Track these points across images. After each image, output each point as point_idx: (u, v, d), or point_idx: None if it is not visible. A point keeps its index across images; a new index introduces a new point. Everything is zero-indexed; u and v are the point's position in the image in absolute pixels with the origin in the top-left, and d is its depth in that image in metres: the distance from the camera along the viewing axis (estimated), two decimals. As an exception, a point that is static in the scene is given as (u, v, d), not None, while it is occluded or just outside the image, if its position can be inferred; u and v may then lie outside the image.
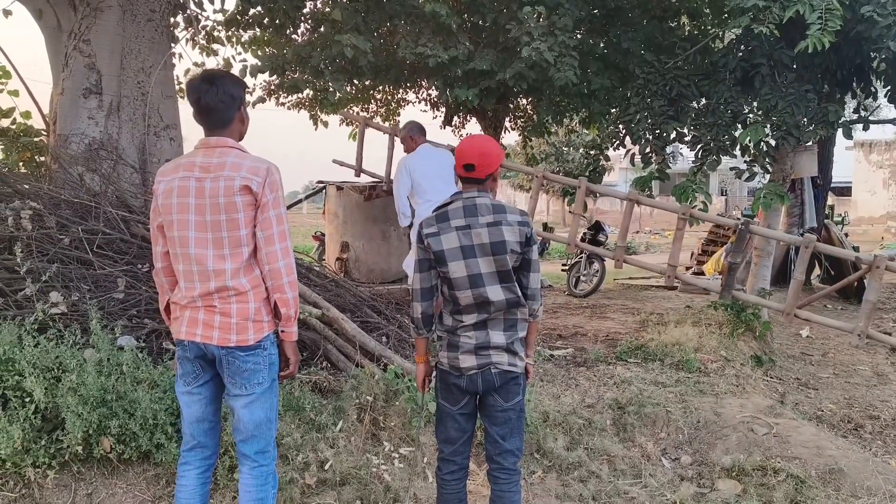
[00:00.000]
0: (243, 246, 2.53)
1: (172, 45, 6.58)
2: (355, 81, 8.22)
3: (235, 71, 8.19)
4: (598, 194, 6.85)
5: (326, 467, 3.51)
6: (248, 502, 2.66)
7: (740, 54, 7.18)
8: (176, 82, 7.48)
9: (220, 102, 2.54)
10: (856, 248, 11.51)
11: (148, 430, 3.27)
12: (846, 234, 12.71)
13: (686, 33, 8.52)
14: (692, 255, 13.27)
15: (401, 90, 9.72)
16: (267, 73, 8.06)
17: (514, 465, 2.81)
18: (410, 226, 6.09)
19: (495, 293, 2.66)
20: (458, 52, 6.60)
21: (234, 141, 2.60)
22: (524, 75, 6.64)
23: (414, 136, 6.08)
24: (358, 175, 8.06)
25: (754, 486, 3.84)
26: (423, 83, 9.08)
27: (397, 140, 7.24)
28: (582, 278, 9.94)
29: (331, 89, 7.75)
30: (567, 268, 10.91)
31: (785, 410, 5.17)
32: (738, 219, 6.19)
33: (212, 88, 2.54)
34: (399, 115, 10.42)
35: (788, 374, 6.12)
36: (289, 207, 14.79)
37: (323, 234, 12.50)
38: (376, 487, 3.46)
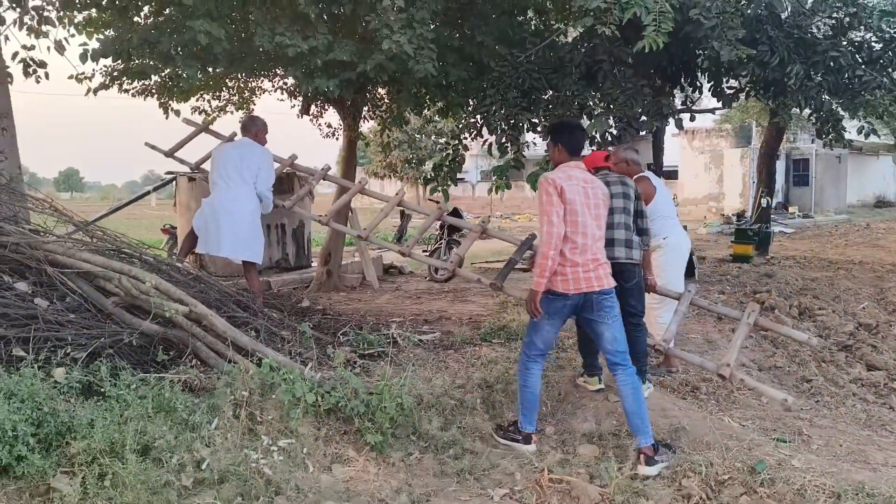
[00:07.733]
0: (604, 230, 4.28)
1: None
2: (208, 69, 7.89)
3: (74, 55, 7.60)
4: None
5: (203, 466, 3.45)
6: (628, 391, 4.06)
7: (584, 50, 7.67)
8: (4, 66, 6.88)
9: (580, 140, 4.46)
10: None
11: (7, 443, 3.07)
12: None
13: (534, 28, 8.93)
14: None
15: (257, 78, 9.46)
16: (110, 59, 7.55)
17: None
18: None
19: None
20: (318, 42, 6.54)
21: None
22: (385, 67, 6.70)
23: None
24: (169, 157, 7.65)
25: (611, 449, 4.22)
26: (280, 72, 8.88)
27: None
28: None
29: (183, 76, 7.40)
30: (428, 254, 11.26)
31: (633, 379, 5.65)
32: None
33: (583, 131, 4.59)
34: (254, 103, 10.14)
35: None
36: (136, 200, 13.98)
37: (173, 227, 11.91)
38: (257, 482, 3.45)
